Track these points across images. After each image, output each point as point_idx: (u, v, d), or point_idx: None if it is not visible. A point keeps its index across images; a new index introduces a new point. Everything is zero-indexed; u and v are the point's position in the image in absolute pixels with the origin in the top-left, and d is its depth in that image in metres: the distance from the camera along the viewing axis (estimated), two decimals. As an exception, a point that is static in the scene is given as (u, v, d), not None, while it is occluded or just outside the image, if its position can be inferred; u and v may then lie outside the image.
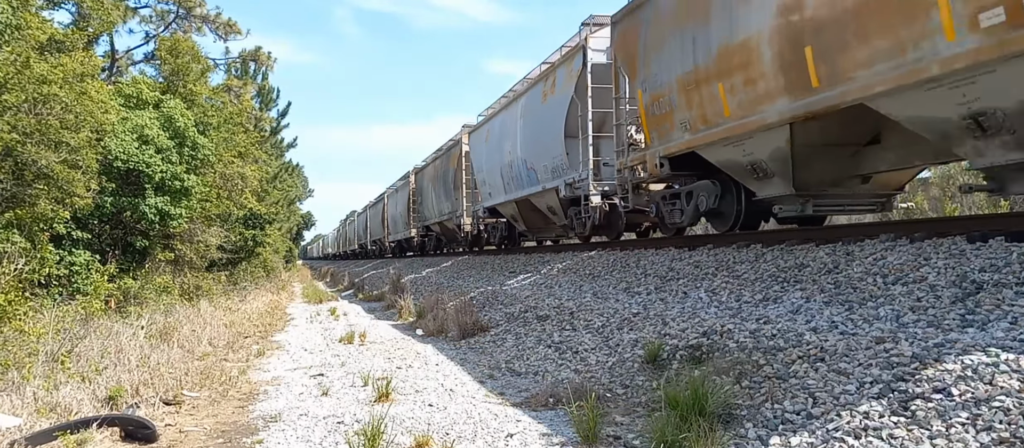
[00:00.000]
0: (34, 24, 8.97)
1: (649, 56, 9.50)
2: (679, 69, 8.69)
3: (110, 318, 8.97)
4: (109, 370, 6.46)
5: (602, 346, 6.67)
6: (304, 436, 4.84)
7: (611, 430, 4.43)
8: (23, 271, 7.93)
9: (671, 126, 9.10)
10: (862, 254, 6.06)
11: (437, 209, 24.52)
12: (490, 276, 14.24)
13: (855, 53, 6.09)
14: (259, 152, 19.23)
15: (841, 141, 7.34)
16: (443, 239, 26.00)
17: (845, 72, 6.24)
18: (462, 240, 22.41)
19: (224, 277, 17.33)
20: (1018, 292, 4.39)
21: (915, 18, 5.44)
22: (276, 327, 12.42)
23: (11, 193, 8.47)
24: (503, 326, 9.13)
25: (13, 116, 8.07)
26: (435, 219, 24.97)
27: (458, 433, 4.67)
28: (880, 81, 5.88)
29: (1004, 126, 5.16)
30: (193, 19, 19.85)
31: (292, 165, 39.79)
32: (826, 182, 7.59)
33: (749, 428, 3.94)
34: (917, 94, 5.63)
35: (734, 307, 6.25)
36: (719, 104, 8.02)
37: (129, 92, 12.63)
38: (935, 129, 5.73)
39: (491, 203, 17.93)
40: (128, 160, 11.10)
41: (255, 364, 8.12)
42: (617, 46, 10.65)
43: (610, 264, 10.20)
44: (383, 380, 6.04)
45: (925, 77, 5.44)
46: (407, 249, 32.81)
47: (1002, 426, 3.18)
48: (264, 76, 26.53)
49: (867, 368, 4.01)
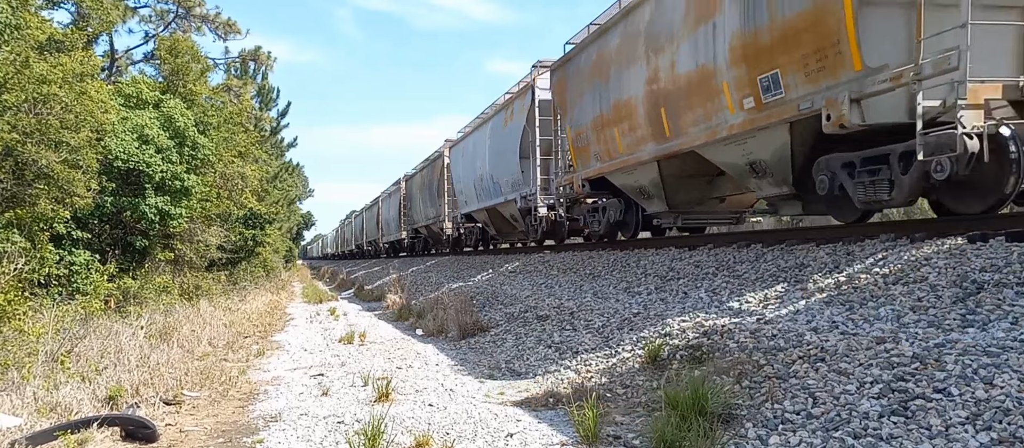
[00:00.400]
0: (34, 24, 8.97)
1: (574, 101, 12.26)
2: (591, 114, 11.46)
3: (110, 318, 8.97)
4: (109, 370, 6.46)
5: (602, 346, 6.67)
6: (304, 436, 4.84)
7: (611, 430, 4.43)
8: (23, 271, 7.93)
9: (588, 156, 11.91)
10: (862, 254, 6.07)
11: (424, 214, 27.14)
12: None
13: (687, 116, 8.74)
14: (259, 152, 19.23)
15: (696, 173, 9.76)
16: (430, 241, 28.30)
17: (683, 128, 8.89)
18: (445, 241, 24.77)
19: (224, 277, 17.33)
20: (1018, 292, 4.39)
21: (714, 98, 8.11)
22: (276, 327, 12.43)
23: (11, 193, 8.47)
24: (503, 326, 9.13)
25: (13, 116, 8.07)
26: (423, 223, 27.45)
27: (458, 433, 4.68)
28: (700, 136, 8.53)
29: (767, 170, 7.69)
30: (193, 19, 19.84)
31: (292, 165, 39.79)
32: (692, 202, 10.26)
33: (749, 428, 3.94)
34: (719, 146, 8.27)
35: (734, 307, 6.25)
36: (616, 143, 10.77)
37: (129, 92, 12.63)
38: (733, 170, 8.38)
39: (467, 210, 20.79)
40: (128, 160, 11.10)
41: (255, 364, 8.12)
42: (554, 89, 13.28)
43: (610, 264, 10.20)
44: (383, 380, 6.04)
45: (722, 136, 8.09)
46: (399, 250, 35.04)
47: (1002, 426, 3.18)
48: (264, 76, 26.54)
49: (867, 368, 4.01)
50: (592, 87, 11.29)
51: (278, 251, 32.21)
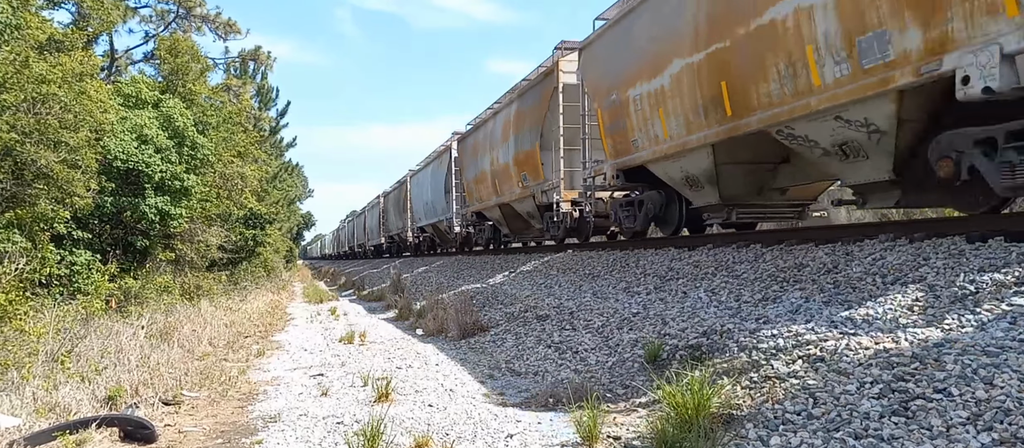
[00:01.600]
0: (34, 24, 8.97)
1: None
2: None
3: (110, 318, 8.97)
4: (109, 370, 6.46)
5: (602, 346, 6.67)
6: (304, 436, 4.84)
7: (611, 430, 4.42)
8: (24, 271, 7.93)
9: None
10: (861, 254, 6.06)
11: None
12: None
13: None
14: (259, 152, 19.22)
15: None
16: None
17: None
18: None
19: (224, 277, 17.31)
20: (1018, 292, 4.39)
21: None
22: (276, 327, 12.43)
23: (11, 193, 8.46)
24: (503, 326, 9.13)
25: (12, 116, 8.07)
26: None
27: (458, 433, 4.67)
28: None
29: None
30: (193, 19, 19.85)
31: (292, 165, 39.84)
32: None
33: (750, 428, 3.93)
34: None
35: (734, 307, 6.25)
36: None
37: (128, 91, 12.62)
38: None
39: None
40: (128, 160, 11.10)
41: (255, 364, 8.12)
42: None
43: (610, 264, 10.19)
44: (383, 380, 6.03)
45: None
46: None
47: (1002, 426, 3.18)
48: (263, 76, 26.56)
49: (867, 368, 4.01)
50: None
51: (278, 251, 32.20)
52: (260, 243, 21.01)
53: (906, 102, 5.88)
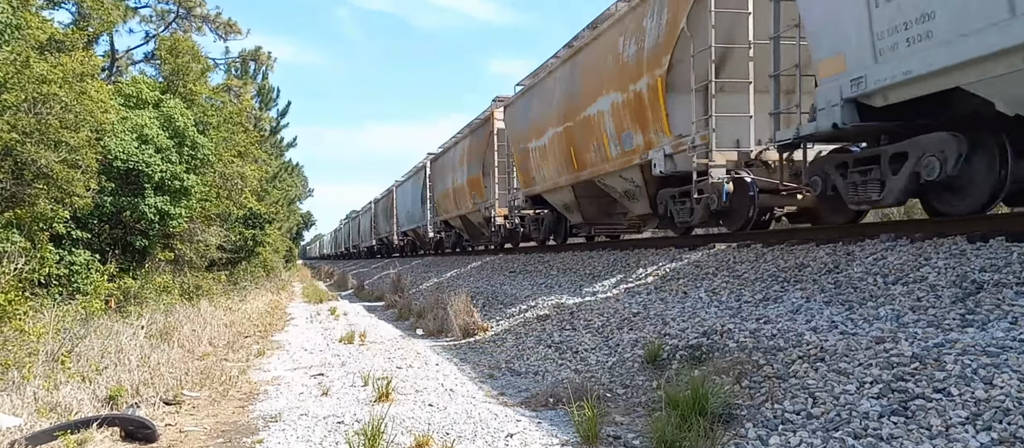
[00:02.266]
0: (34, 24, 8.97)
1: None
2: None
3: (110, 318, 8.97)
4: (109, 370, 6.46)
5: (602, 346, 6.67)
6: (304, 436, 4.84)
7: (611, 430, 4.42)
8: (23, 271, 7.93)
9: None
10: (862, 254, 6.07)
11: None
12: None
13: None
14: (259, 152, 19.21)
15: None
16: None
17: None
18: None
19: (224, 277, 17.30)
20: (1018, 292, 4.39)
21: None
22: (276, 327, 12.43)
23: (11, 193, 8.46)
24: (503, 325, 9.13)
25: (13, 116, 8.06)
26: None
27: (458, 433, 4.67)
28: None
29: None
30: (193, 19, 19.86)
31: (292, 165, 39.83)
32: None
33: (749, 428, 3.94)
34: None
35: (734, 307, 6.26)
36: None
37: (129, 92, 12.62)
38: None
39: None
40: (128, 160, 11.10)
41: (255, 364, 8.12)
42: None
43: (610, 264, 10.21)
44: (383, 380, 6.03)
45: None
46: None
47: (1002, 426, 3.18)
48: (264, 76, 26.59)
49: (867, 368, 4.01)
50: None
51: (278, 251, 32.18)
52: (260, 243, 21.00)
53: (644, 172, 10.30)
